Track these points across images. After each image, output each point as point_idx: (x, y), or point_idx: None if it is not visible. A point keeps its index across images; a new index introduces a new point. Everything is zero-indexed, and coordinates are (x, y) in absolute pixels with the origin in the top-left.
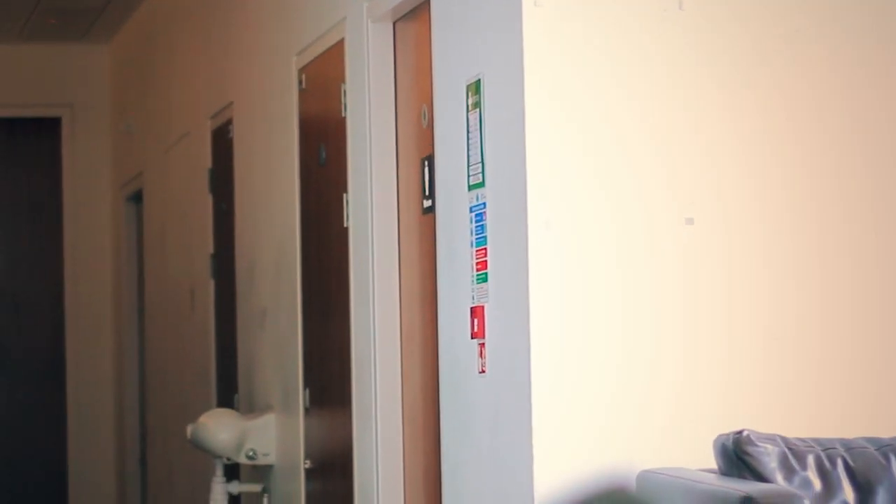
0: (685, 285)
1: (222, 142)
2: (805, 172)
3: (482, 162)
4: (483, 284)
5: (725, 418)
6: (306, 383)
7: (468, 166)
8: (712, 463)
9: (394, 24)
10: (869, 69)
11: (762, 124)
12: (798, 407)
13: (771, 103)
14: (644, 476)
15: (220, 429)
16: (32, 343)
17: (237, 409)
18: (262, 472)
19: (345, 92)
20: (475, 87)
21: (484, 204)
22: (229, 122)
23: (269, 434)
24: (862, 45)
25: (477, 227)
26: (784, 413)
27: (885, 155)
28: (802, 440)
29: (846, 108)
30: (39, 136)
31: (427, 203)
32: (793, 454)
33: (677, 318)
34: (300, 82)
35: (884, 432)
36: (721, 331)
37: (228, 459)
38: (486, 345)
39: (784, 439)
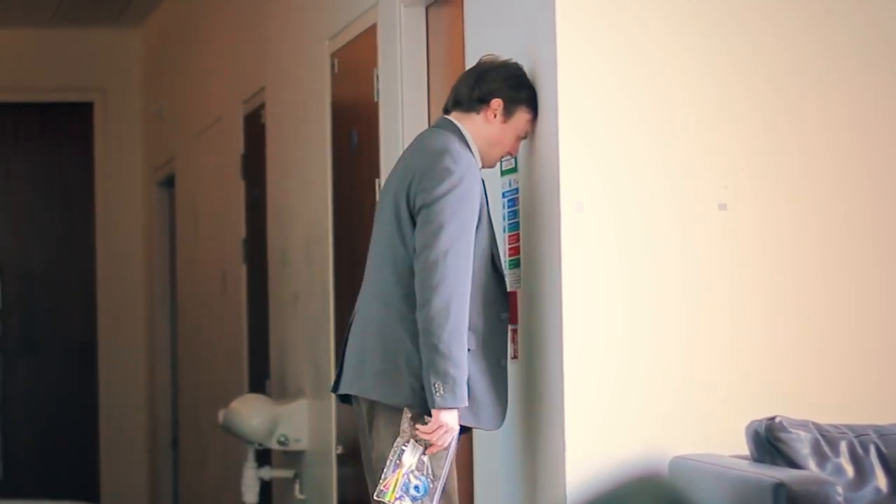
0: (717, 270)
1: (254, 126)
2: (837, 158)
3: None
4: (515, 270)
5: (758, 404)
6: None
7: None
8: (745, 449)
9: (426, 8)
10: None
11: (797, 110)
12: (831, 392)
13: (804, 90)
14: (676, 462)
15: (251, 414)
16: (64, 327)
17: (269, 395)
18: (293, 458)
19: (377, 76)
20: None
21: (517, 189)
22: (261, 106)
23: (301, 420)
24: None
25: (509, 212)
26: (817, 399)
27: None
28: (835, 426)
29: (880, 95)
30: (71, 120)
31: None
32: (825, 440)
33: (710, 303)
34: (332, 67)
35: None
36: (754, 315)
37: (260, 445)
38: (519, 330)
39: (817, 425)
